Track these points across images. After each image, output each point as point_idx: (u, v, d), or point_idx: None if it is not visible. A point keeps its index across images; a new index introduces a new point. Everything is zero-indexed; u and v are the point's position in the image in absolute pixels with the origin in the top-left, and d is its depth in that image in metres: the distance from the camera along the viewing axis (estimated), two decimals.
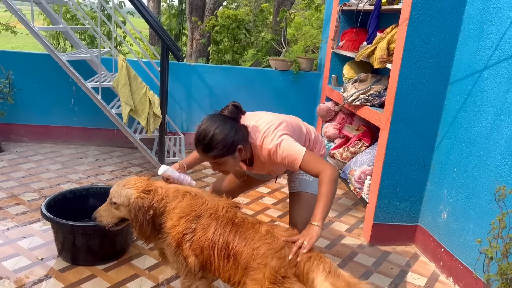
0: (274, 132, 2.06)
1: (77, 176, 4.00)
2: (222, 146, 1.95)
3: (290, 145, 2.03)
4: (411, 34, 2.79)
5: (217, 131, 1.94)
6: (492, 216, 2.42)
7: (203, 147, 1.97)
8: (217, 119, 1.99)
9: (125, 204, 2.06)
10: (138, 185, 2.09)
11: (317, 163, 2.00)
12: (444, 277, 2.86)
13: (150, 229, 2.08)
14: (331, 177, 1.93)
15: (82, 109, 4.81)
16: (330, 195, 1.92)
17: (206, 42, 6.59)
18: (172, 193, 2.07)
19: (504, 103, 2.41)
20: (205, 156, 2.02)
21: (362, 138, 3.69)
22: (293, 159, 2.01)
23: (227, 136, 1.95)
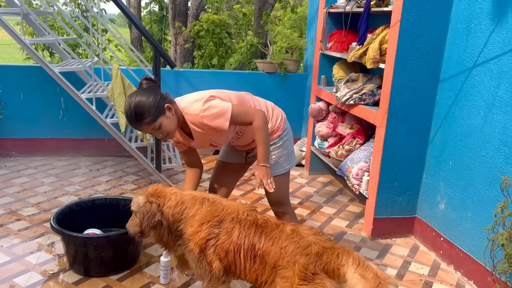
0: (200, 99, 2.16)
1: (73, 188, 3.97)
2: (148, 109, 2.05)
3: (216, 105, 2.13)
4: (403, 35, 2.92)
5: (137, 100, 2.06)
6: (489, 205, 2.57)
7: (135, 119, 2.08)
8: (137, 92, 2.13)
9: (136, 210, 2.11)
10: (149, 191, 2.14)
11: (246, 114, 2.20)
12: (445, 265, 3.01)
13: (167, 235, 2.12)
14: (262, 123, 2.19)
15: (71, 120, 4.76)
16: (266, 139, 2.22)
17: (191, 47, 6.61)
18: (189, 200, 2.10)
19: (496, 97, 2.56)
20: (140, 127, 2.11)
21: (356, 136, 3.81)
22: (220, 120, 2.13)
23: (148, 99, 2.06)
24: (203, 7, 6.94)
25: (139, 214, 2.09)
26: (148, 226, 2.04)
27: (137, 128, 2.15)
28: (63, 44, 3.66)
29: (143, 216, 2.05)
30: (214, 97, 2.19)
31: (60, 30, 7.15)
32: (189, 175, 2.49)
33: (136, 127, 2.15)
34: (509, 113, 2.46)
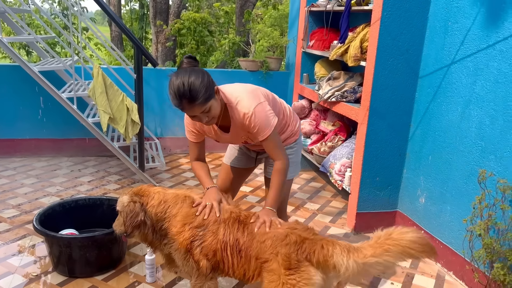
0: (249, 95, 2.06)
1: (54, 189, 3.91)
2: (205, 89, 1.89)
3: (266, 114, 2.05)
4: (383, 33, 2.98)
5: (192, 78, 1.88)
6: (468, 197, 2.66)
7: (188, 98, 1.87)
8: (184, 71, 1.93)
9: (121, 210, 2.11)
10: (133, 190, 2.15)
11: (278, 147, 2.15)
12: None
13: (152, 234, 2.13)
14: (284, 168, 2.15)
15: (51, 120, 4.68)
16: (282, 185, 2.16)
17: (173, 45, 6.57)
18: (171, 198, 2.12)
19: (472, 94, 2.64)
20: (192, 109, 1.92)
21: (338, 132, 3.87)
22: (262, 130, 2.05)
23: (203, 79, 1.91)
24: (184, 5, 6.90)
25: (123, 214, 2.09)
26: (131, 226, 2.05)
27: (187, 108, 1.92)
28: (42, 43, 3.60)
29: (126, 215, 2.06)
30: (266, 102, 2.10)
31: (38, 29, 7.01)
32: (203, 169, 2.32)
33: (187, 109, 1.93)
34: (485, 109, 2.55)
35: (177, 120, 5.06)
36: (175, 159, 4.95)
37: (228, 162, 2.56)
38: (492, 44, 2.49)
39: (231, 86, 2.18)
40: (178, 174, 4.48)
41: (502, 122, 2.43)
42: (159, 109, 4.97)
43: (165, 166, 4.56)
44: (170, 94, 1.92)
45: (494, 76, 2.48)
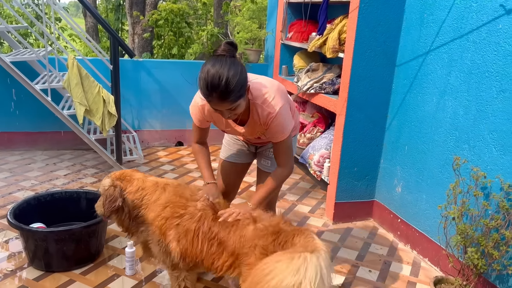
0: (276, 95, 2.00)
1: (29, 183, 3.81)
2: (239, 88, 1.77)
3: (286, 118, 2.02)
4: (361, 24, 3.01)
5: (231, 73, 1.73)
6: (442, 186, 2.73)
7: (220, 94, 1.75)
8: (223, 61, 1.77)
9: (102, 193, 2.12)
10: (116, 174, 2.15)
11: (289, 154, 2.13)
12: (402, 244, 3.16)
13: (128, 220, 2.13)
14: (285, 176, 2.12)
15: (24, 112, 4.55)
16: (273, 190, 2.12)
17: (149, 36, 6.47)
18: (150, 186, 2.11)
19: (447, 84, 2.70)
20: (220, 104, 1.80)
21: (317, 124, 3.90)
22: (280, 133, 2.02)
23: (241, 77, 1.77)
24: None
25: (103, 197, 2.10)
26: (108, 210, 2.06)
27: (214, 104, 1.82)
28: (14, 32, 3.49)
29: (105, 199, 2.07)
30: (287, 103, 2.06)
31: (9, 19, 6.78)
32: (204, 157, 2.26)
33: (215, 103, 1.81)
34: (459, 99, 2.61)
35: (154, 113, 5.00)
36: (153, 152, 4.89)
37: (227, 158, 2.47)
38: (465, 35, 2.55)
39: (258, 80, 2.04)
40: (156, 167, 4.43)
41: (475, 112, 2.50)
42: (136, 102, 4.90)
43: (143, 159, 4.50)
44: (202, 82, 1.78)
45: (468, 67, 2.54)
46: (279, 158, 2.13)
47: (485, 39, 2.42)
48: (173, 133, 5.14)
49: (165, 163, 4.56)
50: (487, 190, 2.37)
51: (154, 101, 4.97)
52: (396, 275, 2.78)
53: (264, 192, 2.11)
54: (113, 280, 2.54)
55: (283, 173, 2.12)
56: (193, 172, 4.36)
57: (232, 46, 1.85)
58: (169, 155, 4.83)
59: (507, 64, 2.29)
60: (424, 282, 2.71)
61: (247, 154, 2.47)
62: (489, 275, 2.40)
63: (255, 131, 2.12)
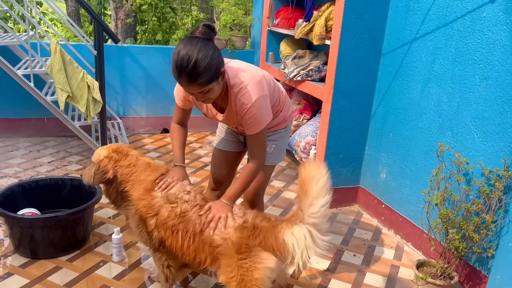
0: (254, 86, 1.95)
1: (12, 170, 3.76)
2: (209, 71, 1.75)
3: (263, 112, 1.97)
4: (347, 11, 3.01)
5: (200, 55, 1.72)
6: (426, 172, 2.79)
7: (189, 75, 1.74)
8: (195, 42, 1.76)
9: (94, 162, 2.12)
10: (112, 147, 2.15)
11: (261, 148, 2.08)
12: (386, 229, 3.23)
13: (115, 194, 2.14)
14: (257, 170, 2.08)
15: (5, 99, 4.46)
16: (247, 184, 2.10)
17: (133, 22, 6.36)
18: (141, 164, 2.11)
19: (432, 72, 2.74)
20: (190, 86, 1.79)
21: (303, 111, 3.92)
22: (253, 126, 1.98)
23: (212, 59, 1.75)
24: None
25: (95, 166, 2.10)
26: (97, 180, 2.08)
27: (184, 86, 1.81)
28: None
29: (97, 169, 2.08)
30: (267, 96, 2.00)
31: None
32: (179, 138, 2.22)
33: (185, 85, 1.81)
34: (443, 87, 2.66)
35: (140, 99, 4.95)
36: (138, 139, 4.86)
37: (218, 146, 2.47)
38: (450, 23, 2.59)
39: (238, 67, 2.00)
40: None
41: (459, 99, 2.54)
42: (121, 88, 4.84)
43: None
44: (172, 63, 1.77)
45: (452, 55, 2.58)
46: (251, 151, 2.09)
47: (469, 27, 2.46)
48: (159, 120, 5.10)
49: (151, 150, 4.54)
50: (469, 175, 2.44)
51: (139, 88, 4.92)
52: (380, 259, 2.84)
53: (238, 186, 2.07)
54: (100, 266, 2.54)
55: (256, 166, 2.07)
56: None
57: (209, 28, 1.82)
58: (155, 142, 4.81)
59: (490, 52, 2.34)
60: (407, 265, 2.79)
61: (237, 143, 2.45)
62: (470, 258, 2.48)
63: (232, 120, 2.10)
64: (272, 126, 2.26)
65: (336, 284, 2.56)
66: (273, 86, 2.14)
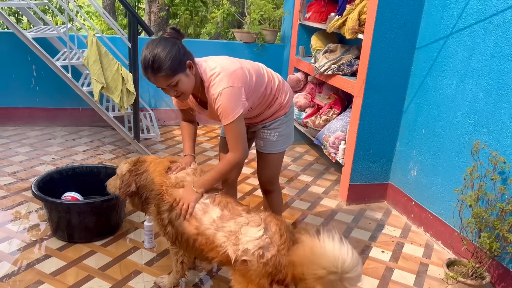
0: (225, 77, 2.00)
1: (50, 158, 3.91)
2: (170, 62, 1.86)
3: (232, 100, 1.98)
4: (381, 5, 2.97)
5: (159, 49, 1.86)
6: (458, 169, 2.73)
7: (152, 69, 1.87)
8: (156, 41, 1.91)
9: (119, 175, 2.21)
10: (133, 160, 2.22)
11: (236, 139, 2.04)
12: (415, 227, 3.19)
13: (140, 202, 2.20)
14: (234, 161, 2.07)
15: (44, 88, 4.63)
16: (221, 174, 2.09)
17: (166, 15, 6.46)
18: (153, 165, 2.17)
19: (468, 68, 2.68)
20: (156, 80, 1.91)
21: (333, 106, 3.90)
22: (224, 116, 2.01)
23: (171, 52, 1.87)
24: None
25: (119, 181, 2.18)
26: (123, 193, 2.16)
27: (152, 80, 1.92)
28: (36, 8, 3.52)
29: (121, 183, 2.16)
30: (240, 88, 2.02)
31: None
32: (188, 131, 2.35)
33: (152, 79, 1.92)
34: (480, 83, 2.59)
35: None
36: (169, 131, 4.95)
37: (222, 134, 2.51)
38: (489, 18, 2.51)
39: (215, 61, 2.08)
40: (172, 145, 4.50)
41: (496, 95, 2.48)
42: None
43: (159, 137, 4.57)
44: (141, 59, 1.91)
45: (491, 50, 2.51)
46: (229, 143, 2.09)
47: (509, 21, 2.39)
48: None
49: (181, 141, 4.61)
50: (505, 174, 2.37)
51: None
52: (409, 256, 2.81)
53: (211, 175, 2.07)
54: (132, 252, 2.63)
55: (233, 158, 2.07)
56: (209, 151, 4.41)
57: (175, 30, 1.99)
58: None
59: None
60: (436, 264, 2.75)
61: None
62: (503, 258, 2.42)
63: (214, 113, 2.11)
64: (269, 116, 2.31)
65: (363, 279, 2.55)
66: (255, 77, 2.14)
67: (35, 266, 2.42)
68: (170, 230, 2.08)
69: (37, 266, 2.42)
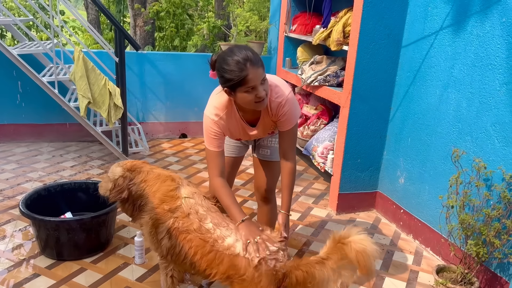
0: (280, 86, 2.08)
1: (36, 174, 3.87)
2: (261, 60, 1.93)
3: (296, 103, 2.12)
4: (365, 17, 3.03)
5: (248, 50, 1.90)
6: (445, 177, 2.78)
7: (252, 62, 1.86)
8: (238, 46, 1.96)
9: (110, 179, 2.17)
10: (127, 165, 2.19)
11: (295, 143, 2.20)
12: (404, 234, 3.23)
13: (132, 209, 2.18)
14: (295, 170, 2.19)
15: (30, 104, 4.59)
16: (293, 188, 2.23)
17: (151, 29, 6.48)
18: (152, 178, 2.15)
19: (450, 77, 2.75)
20: (257, 71, 1.87)
21: (320, 116, 3.95)
22: (291, 119, 2.09)
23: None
24: None
25: (111, 184, 2.16)
26: (113, 198, 2.14)
27: (251, 73, 1.85)
28: (21, 25, 3.52)
29: (113, 187, 2.13)
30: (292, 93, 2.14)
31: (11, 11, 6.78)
32: (230, 196, 2.08)
33: (252, 72, 1.85)
34: (462, 92, 2.65)
35: (159, 105, 5.04)
36: (157, 144, 4.94)
37: (231, 154, 2.46)
38: (469, 29, 2.59)
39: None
40: (161, 158, 4.49)
41: (478, 104, 2.54)
42: (141, 94, 4.94)
43: (148, 151, 4.56)
44: (231, 66, 1.85)
45: (472, 60, 2.58)
46: (287, 150, 2.15)
47: (488, 32, 2.46)
48: (177, 125, 5.18)
49: (169, 155, 4.61)
50: (489, 181, 2.43)
51: (158, 94, 5.01)
52: (399, 264, 2.84)
53: (289, 195, 2.19)
54: (122, 268, 2.60)
55: (294, 166, 2.18)
56: (198, 163, 4.41)
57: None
58: (174, 147, 4.89)
59: (510, 57, 2.33)
60: (426, 270, 2.78)
61: (243, 147, 2.49)
62: (490, 263, 2.47)
63: (267, 127, 2.18)
64: None
65: None
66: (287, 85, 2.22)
67: (24, 285, 2.38)
68: (165, 243, 2.05)
69: (26, 286, 2.38)
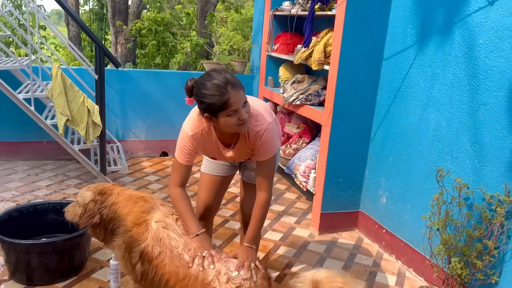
0: (263, 113, 2.04)
1: (10, 194, 3.72)
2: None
3: (275, 136, 2.05)
4: (346, 38, 3.06)
5: (227, 73, 1.89)
6: (426, 196, 2.78)
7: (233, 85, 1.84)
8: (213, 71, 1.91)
9: (80, 204, 2.10)
10: (98, 188, 2.12)
11: (270, 175, 2.10)
12: (387, 255, 3.20)
13: (103, 233, 2.10)
14: (269, 201, 2.11)
15: (4, 122, 4.46)
16: (263, 221, 2.14)
17: (132, 46, 6.44)
18: (123, 200, 2.09)
19: (430, 97, 2.77)
20: (238, 94, 1.85)
21: (302, 135, 3.93)
22: (268, 151, 2.03)
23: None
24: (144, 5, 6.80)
25: (81, 209, 2.08)
26: (84, 223, 2.06)
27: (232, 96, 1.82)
28: None
29: (84, 212, 2.06)
30: (274, 123, 2.10)
31: None
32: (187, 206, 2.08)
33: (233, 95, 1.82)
34: (442, 111, 2.68)
35: (139, 123, 4.96)
36: (137, 162, 4.85)
37: (210, 172, 2.41)
38: (447, 50, 2.63)
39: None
40: (141, 177, 4.39)
41: (458, 124, 2.56)
42: (121, 111, 4.86)
43: (127, 170, 4.46)
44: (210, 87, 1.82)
45: (450, 81, 2.61)
46: (261, 181, 2.08)
47: (466, 53, 2.50)
48: (158, 143, 5.10)
49: (149, 173, 4.52)
50: (470, 200, 2.43)
51: (139, 111, 4.94)
52: (382, 285, 2.80)
53: (255, 228, 2.09)
54: None
55: (267, 198, 2.09)
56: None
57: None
58: (154, 165, 4.80)
59: (487, 78, 2.37)
60: None
61: (231, 167, 2.43)
62: (473, 284, 2.44)
63: (243, 153, 2.12)
64: None
65: None
66: (272, 113, 2.18)
67: None
68: (139, 268, 1.98)
69: None
